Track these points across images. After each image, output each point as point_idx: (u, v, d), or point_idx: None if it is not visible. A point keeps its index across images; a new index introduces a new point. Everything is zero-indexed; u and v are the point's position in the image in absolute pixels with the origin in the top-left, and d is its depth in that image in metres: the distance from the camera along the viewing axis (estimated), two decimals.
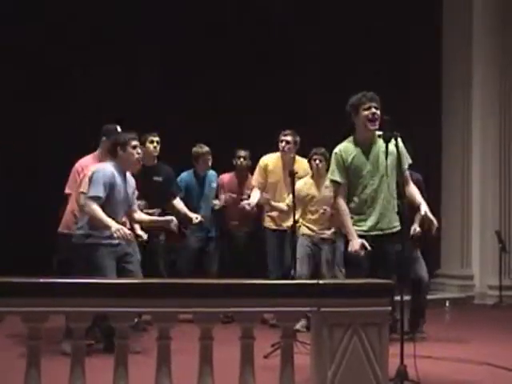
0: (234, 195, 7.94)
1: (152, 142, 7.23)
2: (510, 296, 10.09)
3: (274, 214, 7.63)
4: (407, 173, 5.30)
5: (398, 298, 4.51)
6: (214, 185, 7.91)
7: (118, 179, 5.77)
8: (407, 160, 5.27)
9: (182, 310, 3.36)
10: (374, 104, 5.08)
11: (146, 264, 6.86)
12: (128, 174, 5.98)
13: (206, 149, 7.80)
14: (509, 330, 7.71)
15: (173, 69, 10.02)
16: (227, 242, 8.04)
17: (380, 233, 5.15)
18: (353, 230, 5.09)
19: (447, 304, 9.85)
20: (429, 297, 7.47)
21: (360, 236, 5.08)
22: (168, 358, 3.31)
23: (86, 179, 5.83)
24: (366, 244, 5.03)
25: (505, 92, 10.56)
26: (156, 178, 7.26)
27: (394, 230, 5.21)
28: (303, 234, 7.26)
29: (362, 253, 4.98)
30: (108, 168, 5.77)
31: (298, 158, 7.65)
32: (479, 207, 10.67)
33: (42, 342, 3.25)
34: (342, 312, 3.42)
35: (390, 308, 3.53)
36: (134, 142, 5.87)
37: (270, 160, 7.74)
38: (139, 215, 6.13)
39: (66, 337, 5.74)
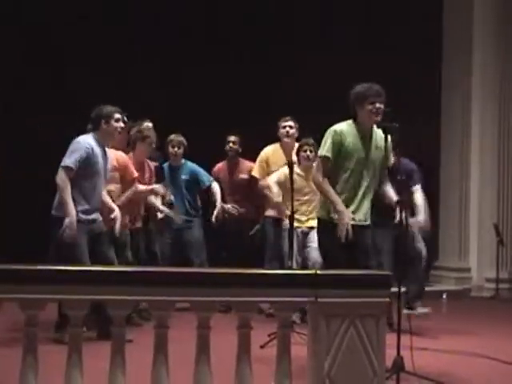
0: (235, 211, 8.09)
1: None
2: (506, 289, 10.13)
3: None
4: (385, 171, 5.25)
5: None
6: (184, 177, 7.89)
7: (97, 151, 5.84)
8: (389, 160, 5.21)
9: (179, 298, 3.36)
10: (379, 99, 5.02)
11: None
12: (107, 150, 6.04)
13: (173, 137, 7.80)
14: (505, 323, 7.74)
15: (168, 64, 10.06)
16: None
17: (353, 223, 5.03)
18: (340, 201, 4.98)
19: (444, 296, 9.86)
20: (426, 289, 7.49)
21: (336, 224, 4.99)
22: (165, 346, 3.31)
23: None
24: (352, 216, 4.97)
25: (504, 89, 10.57)
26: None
27: (367, 223, 5.16)
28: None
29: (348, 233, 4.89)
30: (88, 139, 5.86)
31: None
32: (477, 200, 10.69)
33: (39, 330, 3.26)
34: (340, 303, 3.41)
35: (387, 299, 3.52)
36: (117, 115, 5.95)
37: (271, 152, 7.76)
38: (103, 196, 6.12)
39: (58, 328, 5.76)
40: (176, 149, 7.79)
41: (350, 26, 10.54)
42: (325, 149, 5.07)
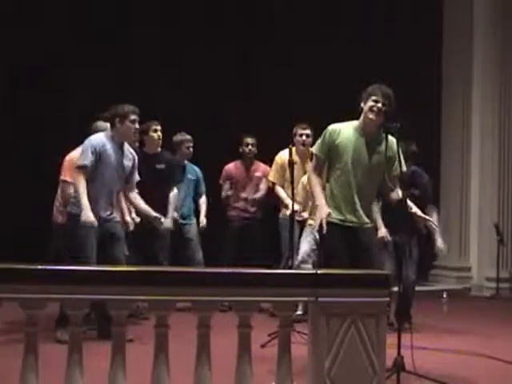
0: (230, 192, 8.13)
1: (156, 130, 7.25)
2: (506, 288, 10.15)
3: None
4: (396, 180, 5.09)
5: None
6: (191, 177, 7.94)
7: (110, 149, 5.77)
8: (401, 167, 4.97)
9: (179, 298, 3.36)
10: (382, 99, 4.95)
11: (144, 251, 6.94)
12: (127, 147, 5.98)
13: (188, 137, 7.84)
14: (505, 322, 7.74)
15: (173, 62, 10.06)
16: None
17: (350, 225, 5.00)
18: (322, 196, 4.97)
19: (444, 295, 9.86)
20: (426, 288, 7.52)
21: (329, 223, 4.90)
22: (165, 345, 3.31)
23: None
24: (332, 214, 4.92)
25: (504, 88, 10.58)
26: (159, 166, 7.26)
27: (366, 225, 5.08)
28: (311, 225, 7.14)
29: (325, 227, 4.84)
30: (99, 137, 5.80)
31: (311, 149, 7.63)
32: (478, 199, 10.70)
33: (39, 329, 3.26)
34: (340, 302, 3.41)
35: (388, 299, 3.52)
36: (133, 116, 5.86)
37: (287, 156, 7.67)
38: (134, 198, 6.05)
39: (59, 324, 5.76)
40: (191, 149, 7.86)
41: (349, 25, 10.54)
42: (315, 146, 5.15)
